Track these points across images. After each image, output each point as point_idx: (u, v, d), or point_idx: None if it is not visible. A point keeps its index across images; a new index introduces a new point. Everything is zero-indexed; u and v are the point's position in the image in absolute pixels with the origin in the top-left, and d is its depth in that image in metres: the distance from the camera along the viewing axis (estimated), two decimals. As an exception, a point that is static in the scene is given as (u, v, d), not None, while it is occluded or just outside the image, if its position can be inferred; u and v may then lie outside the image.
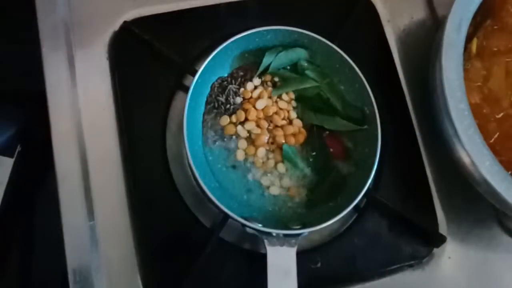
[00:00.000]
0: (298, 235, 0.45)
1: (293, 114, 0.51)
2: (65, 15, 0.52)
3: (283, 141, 0.50)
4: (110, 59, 0.52)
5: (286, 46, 0.52)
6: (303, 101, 0.52)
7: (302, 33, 0.50)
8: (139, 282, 0.47)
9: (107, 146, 0.49)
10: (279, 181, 0.49)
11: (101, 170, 0.49)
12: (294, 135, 0.50)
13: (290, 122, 0.51)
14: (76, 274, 0.46)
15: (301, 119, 0.51)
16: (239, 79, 0.52)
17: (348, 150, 0.51)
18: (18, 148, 0.52)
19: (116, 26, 0.53)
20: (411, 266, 0.51)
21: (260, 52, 0.52)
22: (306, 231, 0.45)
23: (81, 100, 0.50)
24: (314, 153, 0.50)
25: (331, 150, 0.51)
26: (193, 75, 0.48)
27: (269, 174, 0.49)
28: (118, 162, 0.49)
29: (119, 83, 0.51)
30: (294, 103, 0.52)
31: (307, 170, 0.50)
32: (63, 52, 0.51)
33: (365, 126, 0.50)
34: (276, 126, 0.50)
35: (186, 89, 0.51)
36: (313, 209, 0.48)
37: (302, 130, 0.51)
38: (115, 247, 0.47)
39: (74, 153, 0.48)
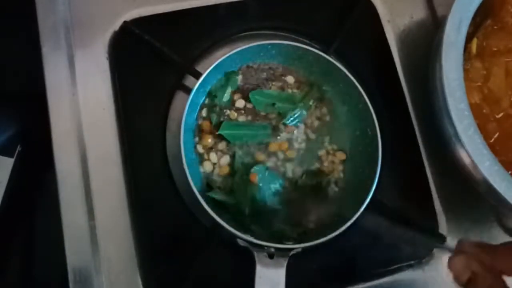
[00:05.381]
0: (290, 250, 0.44)
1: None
2: (65, 15, 0.52)
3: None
4: (110, 59, 0.52)
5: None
6: None
7: (307, 49, 0.49)
8: (139, 282, 0.47)
9: (107, 146, 0.49)
10: None
11: (101, 170, 0.49)
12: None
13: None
14: (76, 274, 0.46)
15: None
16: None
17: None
18: (18, 148, 0.51)
19: (116, 26, 0.53)
20: (411, 266, 0.51)
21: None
22: (298, 246, 0.44)
23: (81, 100, 0.50)
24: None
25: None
26: (193, 75, 0.47)
27: None
28: (118, 162, 0.49)
29: (119, 83, 0.51)
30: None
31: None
32: (63, 52, 0.51)
33: None
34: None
35: (186, 89, 0.51)
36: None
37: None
38: (115, 247, 0.47)
39: (74, 153, 0.49)
